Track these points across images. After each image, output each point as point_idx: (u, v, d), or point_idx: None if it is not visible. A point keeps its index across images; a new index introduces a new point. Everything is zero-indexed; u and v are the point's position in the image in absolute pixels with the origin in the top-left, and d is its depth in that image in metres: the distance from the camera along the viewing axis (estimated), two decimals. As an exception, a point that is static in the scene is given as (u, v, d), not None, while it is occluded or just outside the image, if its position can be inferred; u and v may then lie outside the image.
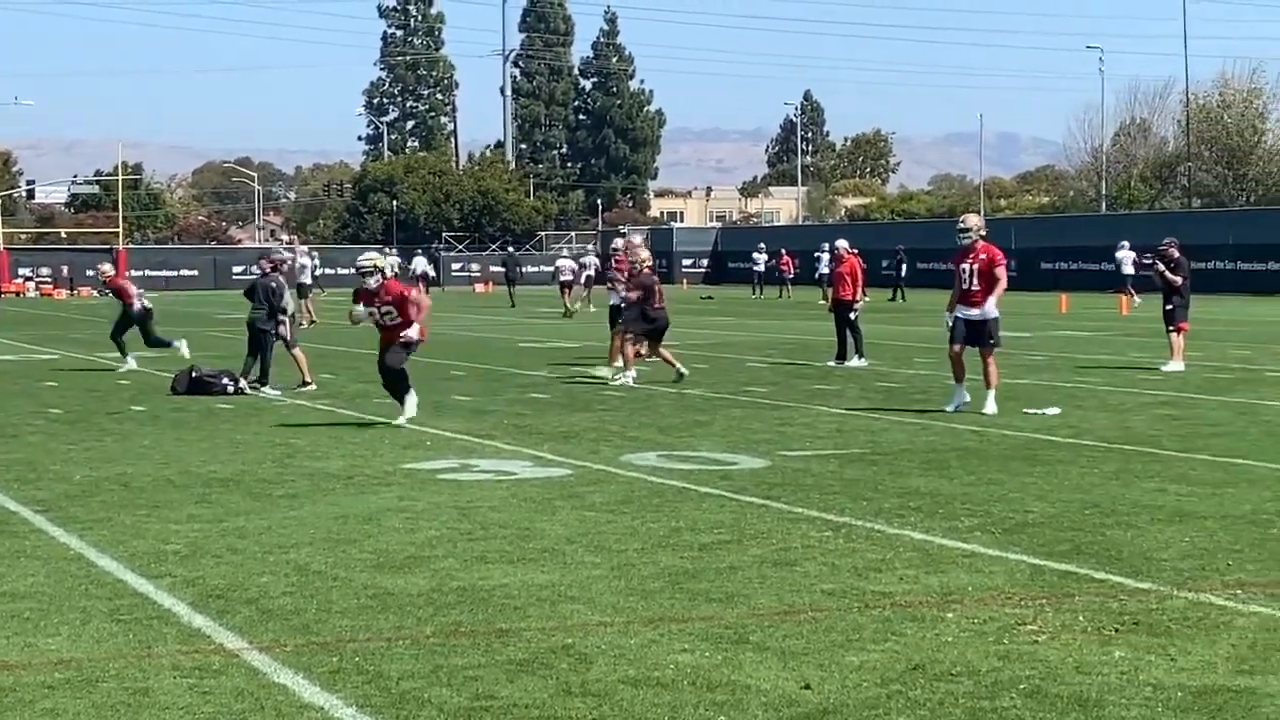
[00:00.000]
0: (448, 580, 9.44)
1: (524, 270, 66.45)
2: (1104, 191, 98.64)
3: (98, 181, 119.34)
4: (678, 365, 23.32)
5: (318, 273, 48.95)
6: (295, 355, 22.82)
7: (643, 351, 23.80)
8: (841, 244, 28.32)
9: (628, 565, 9.86)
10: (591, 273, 51.53)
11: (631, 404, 20.23)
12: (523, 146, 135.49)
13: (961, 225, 19.59)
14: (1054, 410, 18.71)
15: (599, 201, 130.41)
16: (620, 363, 23.62)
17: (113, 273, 30.64)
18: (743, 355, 29.12)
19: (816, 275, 61.20)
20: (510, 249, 70.48)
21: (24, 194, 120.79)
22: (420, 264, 76.68)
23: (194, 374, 22.38)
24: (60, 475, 14.03)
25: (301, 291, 43.41)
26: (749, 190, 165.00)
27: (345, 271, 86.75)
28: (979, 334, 18.91)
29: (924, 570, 9.63)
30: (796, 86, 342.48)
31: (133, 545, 10.65)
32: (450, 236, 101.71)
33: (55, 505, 12.36)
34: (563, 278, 51.36)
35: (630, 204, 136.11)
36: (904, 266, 60.90)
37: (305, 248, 48.47)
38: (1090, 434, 16.63)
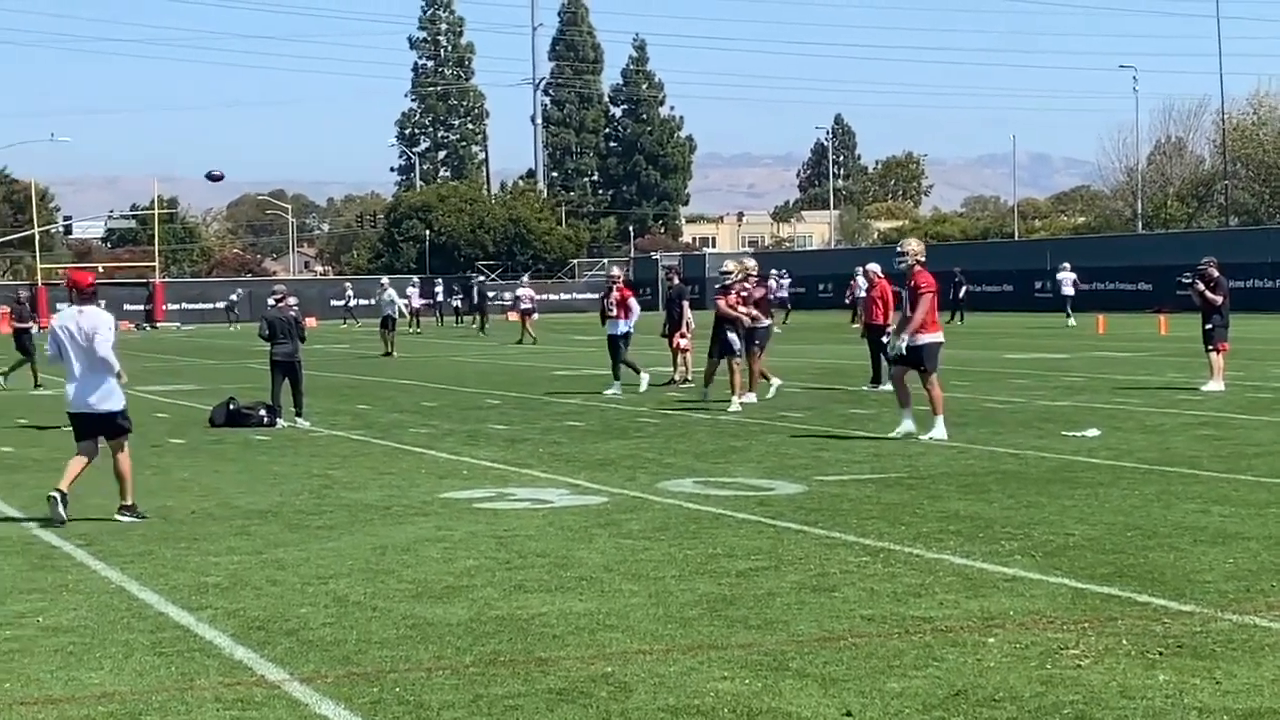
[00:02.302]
0: (486, 610, 9.43)
1: (489, 299, 67.65)
2: (1140, 211, 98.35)
3: (134, 216, 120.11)
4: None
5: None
6: None
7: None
8: (873, 268, 28.35)
9: (666, 593, 9.84)
10: (528, 305, 52.09)
11: (667, 431, 20.21)
12: (554, 174, 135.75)
13: (899, 249, 19.44)
14: (1093, 432, 18.63)
15: (631, 228, 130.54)
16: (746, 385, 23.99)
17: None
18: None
19: (848, 299, 61.28)
20: (479, 279, 70.83)
21: (62, 230, 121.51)
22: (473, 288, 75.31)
23: (231, 406, 22.43)
24: (101, 509, 14.07)
25: (387, 324, 44.04)
26: (781, 215, 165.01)
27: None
28: (914, 359, 18.72)
29: (964, 595, 9.59)
30: (827, 110, 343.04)
31: (174, 578, 10.69)
32: (483, 265, 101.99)
33: (97, 539, 12.41)
34: (523, 306, 51.99)
35: (662, 230, 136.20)
36: (963, 289, 60.08)
37: (387, 280, 48.57)
38: (1130, 455, 16.55)
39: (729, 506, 13.43)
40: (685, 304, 28.53)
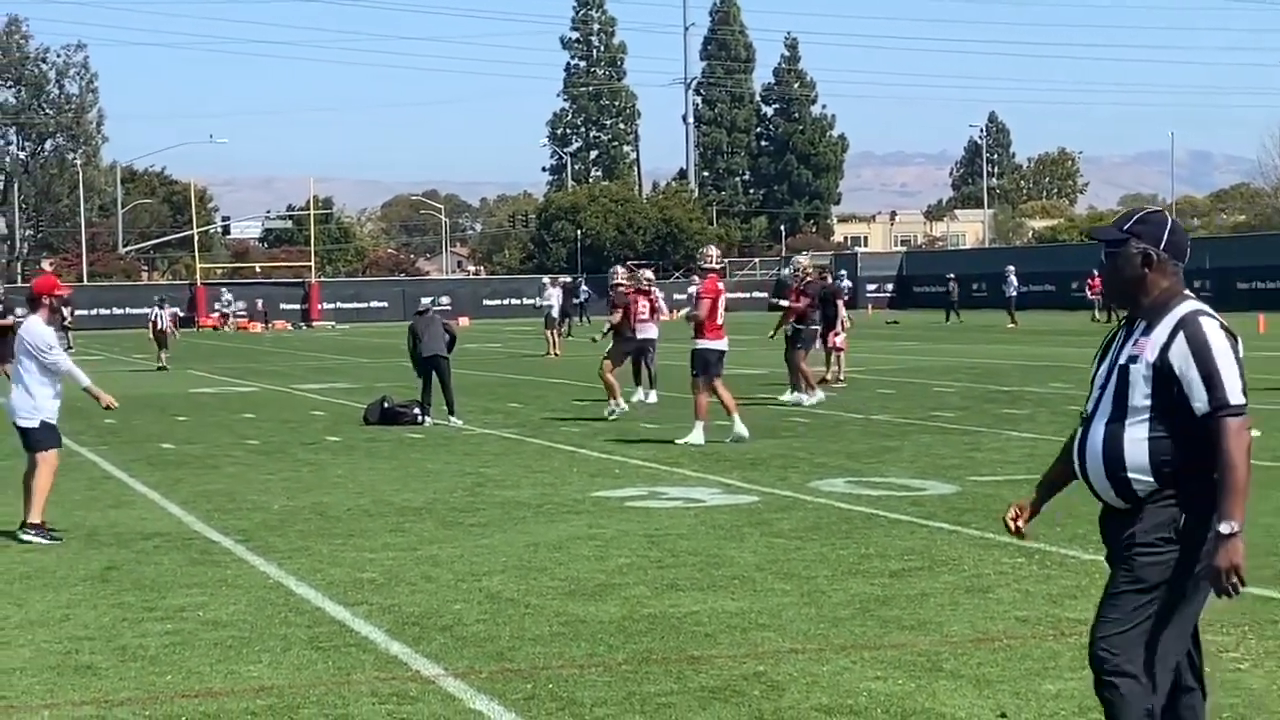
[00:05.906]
0: (639, 608, 9.46)
1: (582, 301, 68.02)
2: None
3: (290, 216, 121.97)
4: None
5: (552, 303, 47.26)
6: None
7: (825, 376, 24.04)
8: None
9: (818, 592, 9.82)
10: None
11: (819, 430, 20.13)
12: (705, 174, 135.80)
13: (700, 254, 20.31)
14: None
15: (782, 228, 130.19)
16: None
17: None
18: (930, 380, 28.87)
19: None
20: (566, 279, 70.85)
21: (220, 229, 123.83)
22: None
23: (385, 405, 22.71)
24: (259, 505, 14.32)
25: (549, 323, 44.36)
26: (934, 214, 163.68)
27: (530, 301, 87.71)
28: (691, 362, 19.40)
29: (1121, 597, 9.44)
30: (981, 108, 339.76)
31: (330, 573, 10.84)
32: (634, 264, 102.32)
33: (255, 535, 12.62)
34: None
35: (814, 229, 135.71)
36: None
37: (550, 279, 48.80)
38: (1291, 457, 16.19)
39: (881, 506, 13.36)
40: (840, 303, 28.42)
